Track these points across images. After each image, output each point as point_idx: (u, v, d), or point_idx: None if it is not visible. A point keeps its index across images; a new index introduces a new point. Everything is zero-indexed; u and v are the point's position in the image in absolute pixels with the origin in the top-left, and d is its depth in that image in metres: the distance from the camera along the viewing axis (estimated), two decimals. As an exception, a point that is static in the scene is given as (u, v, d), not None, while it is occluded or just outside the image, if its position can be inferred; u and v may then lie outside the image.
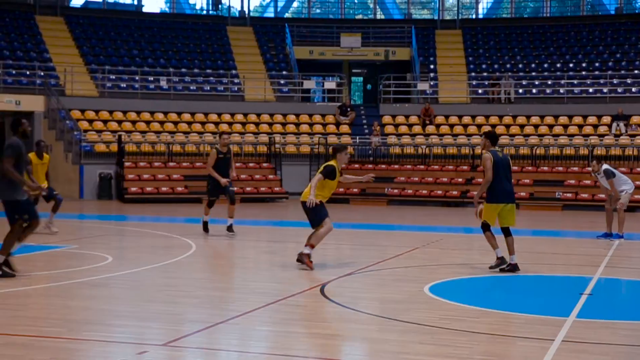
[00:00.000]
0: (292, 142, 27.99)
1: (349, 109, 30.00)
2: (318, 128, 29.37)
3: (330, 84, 33.35)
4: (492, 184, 10.31)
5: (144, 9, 36.72)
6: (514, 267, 10.46)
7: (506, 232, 10.55)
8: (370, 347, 6.69)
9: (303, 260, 10.43)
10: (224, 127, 28.80)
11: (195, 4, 40.37)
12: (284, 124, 29.54)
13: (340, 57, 33.86)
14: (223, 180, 13.88)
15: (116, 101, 28.70)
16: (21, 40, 30.78)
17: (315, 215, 10.38)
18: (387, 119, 29.88)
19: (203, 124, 28.89)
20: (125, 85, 29.73)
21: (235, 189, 14.93)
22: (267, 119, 29.65)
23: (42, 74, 28.47)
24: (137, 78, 29.87)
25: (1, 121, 29.34)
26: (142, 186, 24.55)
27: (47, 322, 7.24)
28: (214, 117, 29.30)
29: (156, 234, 15.03)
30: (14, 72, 28.29)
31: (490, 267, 10.59)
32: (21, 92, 27.17)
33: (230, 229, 14.04)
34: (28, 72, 28.51)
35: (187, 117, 29.02)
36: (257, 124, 29.33)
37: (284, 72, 32.58)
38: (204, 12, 39.23)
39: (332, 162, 10.59)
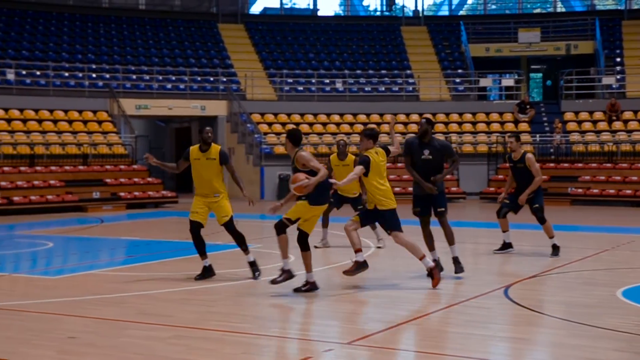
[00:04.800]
0: (469, 142, 27.52)
1: (528, 107, 29.06)
2: (495, 127, 28.67)
3: (507, 81, 32.49)
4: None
5: (319, 13, 37.48)
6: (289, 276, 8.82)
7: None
8: (560, 352, 6.40)
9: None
10: (400, 127, 28.82)
11: (368, 6, 40.75)
12: (460, 123, 29.10)
13: (518, 53, 32.89)
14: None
15: (294, 104, 29.45)
16: (205, 48, 32.31)
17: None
18: (569, 115, 28.66)
19: (379, 124, 29.03)
20: (302, 89, 30.46)
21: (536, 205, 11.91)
22: (443, 119, 29.32)
23: (224, 79, 29.74)
24: (313, 81, 30.50)
25: (188, 125, 30.96)
26: (319, 187, 25.00)
27: (237, 317, 7.50)
28: (389, 117, 29.31)
29: (333, 234, 15.23)
30: (199, 78, 29.75)
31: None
32: (206, 98, 28.52)
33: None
34: (212, 79, 29.87)
35: (362, 118, 29.28)
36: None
37: (460, 71, 32.10)
38: (378, 13, 39.46)
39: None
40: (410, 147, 10.07)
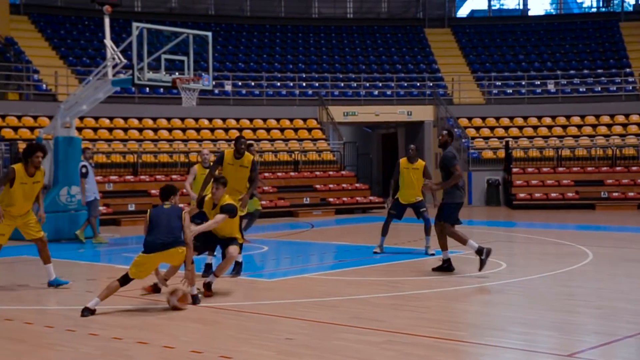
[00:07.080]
0: (696, 143, 25.50)
1: None
2: None
3: None
4: None
5: (529, 13, 36.31)
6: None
7: None
8: None
9: None
10: (618, 129, 27.26)
11: (582, 3, 38.92)
12: (687, 123, 27.05)
13: None
14: None
15: (502, 107, 28.73)
16: (412, 54, 32.36)
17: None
18: None
19: (594, 126, 27.64)
20: (511, 91, 29.64)
21: None
22: (667, 119, 27.41)
23: (431, 84, 29.61)
24: (523, 83, 29.59)
25: (394, 131, 31.14)
26: (530, 192, 24.26)
27: (448, 324, 7.37)
28: (605, 119, 27.86)
29: (547, 241, 14.66)
30: (405, 84, 29.84)
31: None
32: (412, 103, 28.53)
33: None
34: (418, 84, 29.85)
35: (576, 120, 28.00)
36: (654, 124, 27.27)
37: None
38: (594, 9, 37.61)
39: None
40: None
